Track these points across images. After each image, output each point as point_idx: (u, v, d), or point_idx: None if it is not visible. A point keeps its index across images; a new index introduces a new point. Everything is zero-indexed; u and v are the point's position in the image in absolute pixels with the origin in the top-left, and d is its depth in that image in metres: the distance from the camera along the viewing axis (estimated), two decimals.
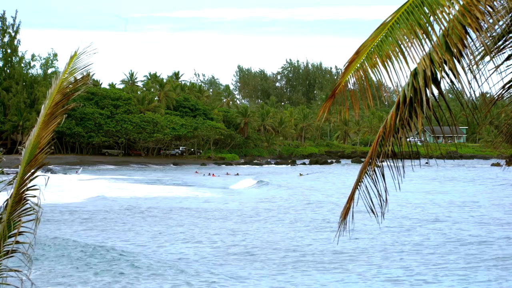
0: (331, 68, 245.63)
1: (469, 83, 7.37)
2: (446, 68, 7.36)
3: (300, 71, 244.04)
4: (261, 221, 41.94)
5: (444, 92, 7.58)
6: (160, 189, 70.30)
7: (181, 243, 33.02)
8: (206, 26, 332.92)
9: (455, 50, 7.24)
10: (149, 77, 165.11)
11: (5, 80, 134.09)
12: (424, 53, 7.40)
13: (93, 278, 24.45)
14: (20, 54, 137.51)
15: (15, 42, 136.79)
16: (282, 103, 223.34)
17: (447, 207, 50.10)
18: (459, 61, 7.34)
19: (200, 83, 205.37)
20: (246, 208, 49.74)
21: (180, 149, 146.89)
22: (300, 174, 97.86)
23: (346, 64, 7.74)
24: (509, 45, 7.63)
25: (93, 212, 46.03)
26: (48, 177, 7.63)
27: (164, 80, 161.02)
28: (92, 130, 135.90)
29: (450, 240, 33.31)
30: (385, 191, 7.98)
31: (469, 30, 7.23)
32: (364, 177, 8.01)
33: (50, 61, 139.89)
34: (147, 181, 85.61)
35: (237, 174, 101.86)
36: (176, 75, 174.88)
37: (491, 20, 7.22)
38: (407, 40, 7.42)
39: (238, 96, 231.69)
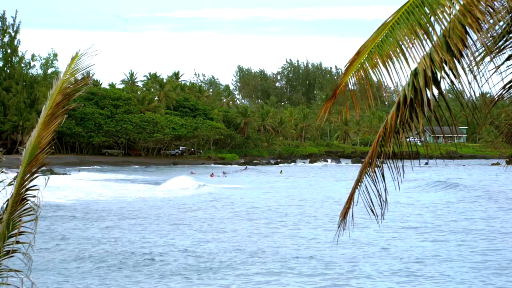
0: (331, 68, 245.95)
1: (469, 84, 7.37)
2: (447, 68, 7.36)
3: (300, 71, 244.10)
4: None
5: (444, 92, 7.58)
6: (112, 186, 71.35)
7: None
8: (206, 26, 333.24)
9: (455, 50, 7.24)
10: (149, 77, 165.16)
11: (5, 80, 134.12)
12: (425, 53, 7.40)
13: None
14: (20, 54, 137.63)
15: (15, 42, 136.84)
16: (282, 103, 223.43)
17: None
18: (459, 61, 7.34)
19: (200, 83, 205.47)
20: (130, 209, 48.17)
21: (180, 149, 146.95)
22: (281, 172, 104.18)
23: (347, 65, 7.74)
24: (509, 45, 7.63)
25: None
26: (48, 178, 7.63)
27: (164, 80, 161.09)
28: (92, 130, 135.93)
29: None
30: (385, 191, 7.98)
31: (470, 30, 7.23)
32: (364, 177, 8.01)
33: (50, 61, 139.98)
34: (126, 180, 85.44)
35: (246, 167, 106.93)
36: (176, 75, 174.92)
37: (491, 20, 7.22)
38: (408, 40, 7.42)
39: (238, 96, 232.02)
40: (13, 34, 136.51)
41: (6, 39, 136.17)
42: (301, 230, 36.71)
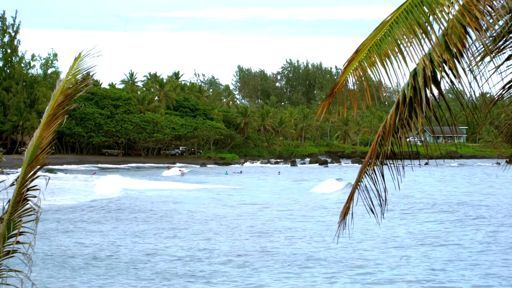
0: (331, 68, 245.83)
1: (469, 83, 7.38)
2: (446, 68, 7.36)
3: (300, 71, 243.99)
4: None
5: (444, 92, 7.58)
6: None
7: None
8: (206, 26, 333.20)
9: (454, 50, 7.24)
10: (149, 77, 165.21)
11: (5, 80, 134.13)
12: (424, 53, 7.40)
13: None
14: (20, 54, 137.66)
15: (15, 42, 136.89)
16: (282, 103, 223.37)
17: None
18: (459, 61, 7.34)
19: (200, 83, 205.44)
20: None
21: (180, 149, 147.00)
22: (279, 173, 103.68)
23: (346, 63, 7.75)
24: (509, 45, 7.64)
25: None
26: (49, 178, 7.65)
27: (164, 80, 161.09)
28: (92, 130, 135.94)
29: None
30: (385, 191, 7.99)
31: (469, 30, 7.23)
32: (363, 176, 8.02)
33: (50, 61, 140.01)
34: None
35: (241, 172, 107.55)
36: (176, 75, 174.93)
37: (491, 20, 7.22)
38: (406, 39, 7.42)
39: (238, 96, 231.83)
40: (13, 34, 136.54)
41: (6, 39, 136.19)
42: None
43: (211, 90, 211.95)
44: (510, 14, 7.31)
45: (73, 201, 54.07)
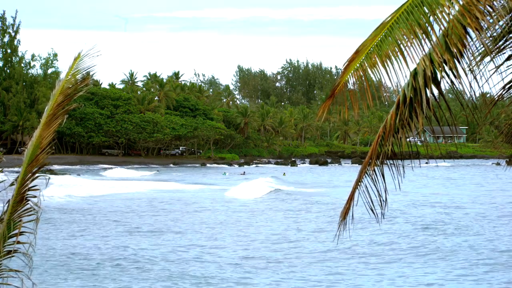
0: (331, 68, 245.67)
1: (469, 83, 7.38)
2: (446, 68, 7.36)
3: (300, 71, 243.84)
4: None
5: (444, 92, 7.58)
6: None
7: None
8: (206, 26, 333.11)
9: (455, 50, 7.24)
10: (149, 77, 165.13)
11: (5, 80, 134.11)
12: (424, 53, 7.40)
13: None
14: (20, 54, 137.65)
15: (15, 42, 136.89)
16: (282, 103, 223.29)
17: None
18: (459, 61, 7.34)
19: (200, 83, 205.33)
20: None
21: (180, 149, 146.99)
22: (284, 174, 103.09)
23: (346, 64, 7.74)
24: (509, 45, 7.64)
25: None
26: (49, 178, 7.64)
27: (164, 80, 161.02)
28: (92, 130, 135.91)
29: None
30: (385, 191, 7.98)
31: (469, 30, 7.23)
32: (364, 177, 8.01)
33: (50, 61, 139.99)
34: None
35: (244, 173, 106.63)
36: (176, 75, 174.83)
37: (491, 20, 7.22)
38: (407, 39, 7.42)
39: (238, 96, 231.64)
40: (13, 34, 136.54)
41: (6, 39, 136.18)
42: None
43: (211, 90, 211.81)
44: (511, 14, 7.31)
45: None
